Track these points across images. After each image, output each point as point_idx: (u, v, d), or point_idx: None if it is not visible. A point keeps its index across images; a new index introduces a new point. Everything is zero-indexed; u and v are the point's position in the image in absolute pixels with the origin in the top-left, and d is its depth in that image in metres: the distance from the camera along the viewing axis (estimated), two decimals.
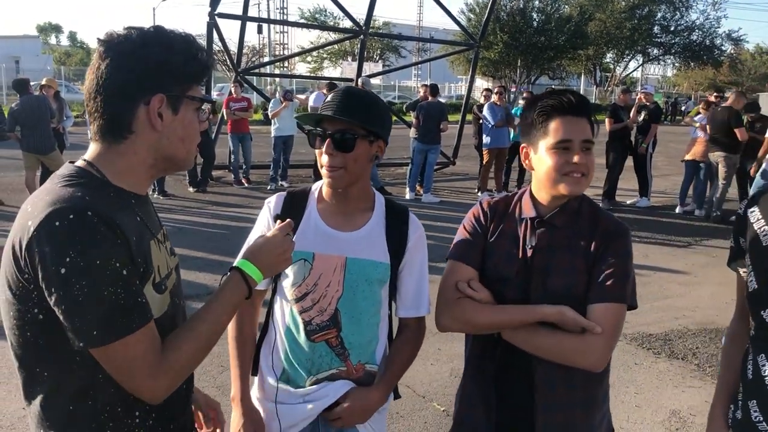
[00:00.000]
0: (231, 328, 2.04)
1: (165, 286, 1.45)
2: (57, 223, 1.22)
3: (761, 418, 1.62)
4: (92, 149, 1.42)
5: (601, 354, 1.75)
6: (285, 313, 2.00)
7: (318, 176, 1.97)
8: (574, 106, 1.81)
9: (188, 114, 1.45)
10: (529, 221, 1.90)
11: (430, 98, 11.42)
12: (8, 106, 23.04)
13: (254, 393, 2.07)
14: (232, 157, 12.65)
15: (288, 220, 1.69)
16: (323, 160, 1.88)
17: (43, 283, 1.24)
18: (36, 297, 1.27)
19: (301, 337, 1.96)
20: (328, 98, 1.92)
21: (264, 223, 2.02)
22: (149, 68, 1.36)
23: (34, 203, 1.29)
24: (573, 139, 1.80)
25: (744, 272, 1.74)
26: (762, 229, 1.65)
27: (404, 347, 2.08)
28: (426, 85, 12.18)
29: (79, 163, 1.41)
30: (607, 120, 11.10)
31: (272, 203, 2.04)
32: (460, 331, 1.95)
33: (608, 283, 1.78)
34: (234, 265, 1.56)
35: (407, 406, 4.10)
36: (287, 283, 1.96)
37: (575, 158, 1.80)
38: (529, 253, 1.86)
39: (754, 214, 1.69)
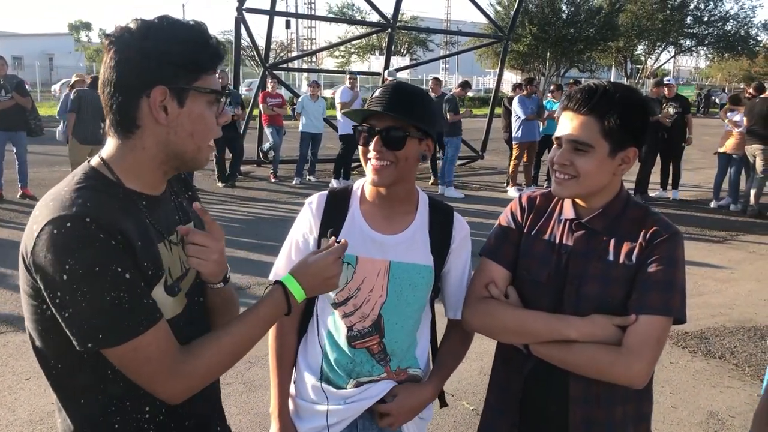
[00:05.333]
0: (272, 337, 1.99)
1: (178, 288, 1.42)
2: (55, 231, 1.22)
3: None
4: (108, 145, 1.40)
5: (639, 370, 1.60)
6: (326, 316, 1.94)
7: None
8: (576, 102, 1.66)
9: (197, 107, 1.37)
10: (567, 223, 1.79)
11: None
12: (42, 103, 23.53)
13: (291, 391, 2.02)
14: (272, 153, 12.66)
15: (343, 241, 1.61)
16: (370, 157, 1.79)
17: (45, 288, 1.24)
18: (45, 295, 1.27)
19: (342, 342, 1.91)
20: (376, 93, 1.82)
21: (306, 225, 1.94)
22: (149, 60, 1.31)
23: (41, 207, 1.29)
24: (560, 136, 1.70)
25: None
26: None
27: (454, 347, 2.02)
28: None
29: (95, 161, 1.39)
30: None
31: (314, 203, 1.95)
32: (484, 333, 1.86)
33: (651, 292, 1.63)
34: (279, 279, 1.52)
35: (436, 404, 4.03)
36: None
37: (556, 155, 1.70)
38: (565, 257, 1.75)
39: None
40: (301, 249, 1.93)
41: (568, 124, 1.68)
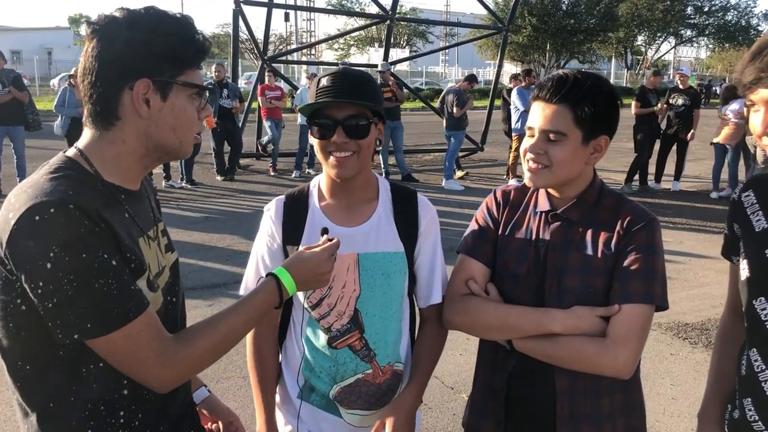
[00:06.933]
0: (250, 352, 1.92)
1: (156, 285, 1.39)
2: (37, 218, 1.17)
3: (756, 417, 1.51)
4: (85, 135, 1.37)
5: (625, 360, 1.59)
6: (303, 320, 1.89)
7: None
8: (548, 91, 1.66)
9: (180, 101, 1.35)
10: (542, 215, 1.77)
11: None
12: (41, 98, 23.43)
13: (276, 400, 1.97)
14: (271, 146, 12.61)
15: (336, 239, 1.59)
16: (331, 150, 1.73)
17: (27, 278, 1.19)
18: (19, 288, 1.21)
19: (322, 345, 1.85)
20: (324, 83, 1.72)
21: (268, 233, 1.88)
22: (134, 51, 1.28)
23: (18, 195, 1.24)
24: (533, 126, 1.69)
25: (737, 260, 1.62)
26: (755, 214, 1.56)
27: (430, 341, 1.94)
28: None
29: (71, 152, 1.34)
30: (633, 103, 10.86)
31: (272, 210, 1.90)
32: (466, 331, 1.82)
33: (632, 280, 1.62)
34: (272, 271, 1.51)
35: (436, 397, 4.03)
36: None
37: (529, 145, 1.69)
38: (543, 250, 1.73)
39: (749, 199, 1.60)
40: (266, 259, 1.86)
41: (540, 113, 1.68)
